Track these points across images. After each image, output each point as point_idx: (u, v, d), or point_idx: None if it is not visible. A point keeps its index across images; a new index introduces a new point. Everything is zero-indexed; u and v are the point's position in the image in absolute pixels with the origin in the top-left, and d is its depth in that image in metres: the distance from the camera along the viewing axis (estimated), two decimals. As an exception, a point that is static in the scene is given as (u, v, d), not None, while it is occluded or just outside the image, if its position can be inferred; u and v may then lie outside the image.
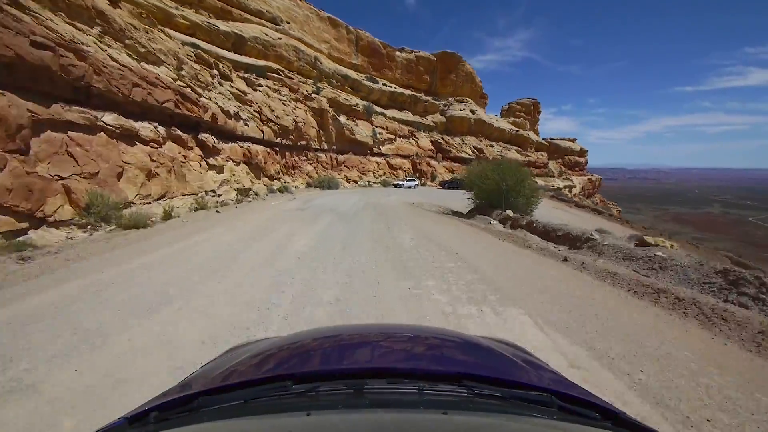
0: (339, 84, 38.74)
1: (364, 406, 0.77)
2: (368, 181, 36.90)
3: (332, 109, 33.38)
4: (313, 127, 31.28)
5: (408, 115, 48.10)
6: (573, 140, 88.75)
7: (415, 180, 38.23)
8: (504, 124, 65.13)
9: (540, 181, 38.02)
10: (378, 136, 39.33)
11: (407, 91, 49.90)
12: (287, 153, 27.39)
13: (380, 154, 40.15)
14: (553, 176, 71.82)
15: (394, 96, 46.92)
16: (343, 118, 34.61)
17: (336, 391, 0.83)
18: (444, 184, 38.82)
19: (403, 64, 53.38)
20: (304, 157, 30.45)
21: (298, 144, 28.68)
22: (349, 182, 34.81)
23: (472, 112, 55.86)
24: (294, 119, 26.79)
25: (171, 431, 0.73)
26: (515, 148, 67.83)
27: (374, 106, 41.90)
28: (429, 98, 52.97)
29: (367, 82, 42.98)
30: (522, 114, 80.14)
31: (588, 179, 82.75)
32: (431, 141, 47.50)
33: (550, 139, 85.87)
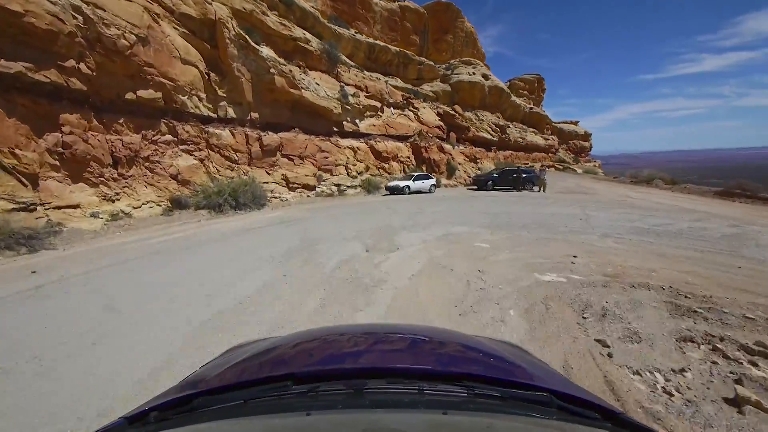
0: (273, 10, 19.14)
1: (364, 406, 0.73)
2: (336, 186, 17.73)
3: (239, 28, 13.97)
4: (190, 64, 12.08)
5: (397, 82, 29.18)
6: (576, 123, 72.79)
7: (428, 178, 19.42)
8: (517, 99, 46.93)
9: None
10: (351, 101, 20.19)
11: (393, 47, 30.75)
12: (110, 126, 8.00)
13: (357, 134, 21.08)
14: (569, 163, 55.00)
15: (373, 52, 27.68)
16: (266, 51, 15.16)
17: (336, 391, 0.78)
18: (484, 182, 20.03)
19: (384, 16, 33.99)
20: (169, 137, 11.27)
21: (155, 105, 9.55)
22: (293, 189, 15.51)
23: (485, 77, 37.19)
24: (131, 35, 7.45)
25: (170, 431, 0.70)
26: (532, 129, 50.05)
27: (342, 56, 22.73)
28: (425, 59, 33.94)
29: (331, 25, 23.67)
30: (526, 92, 61.12)
31: (594, 165, 66.34)
32: (438, 114, 28.63)
33: (552, 122, 68.29)
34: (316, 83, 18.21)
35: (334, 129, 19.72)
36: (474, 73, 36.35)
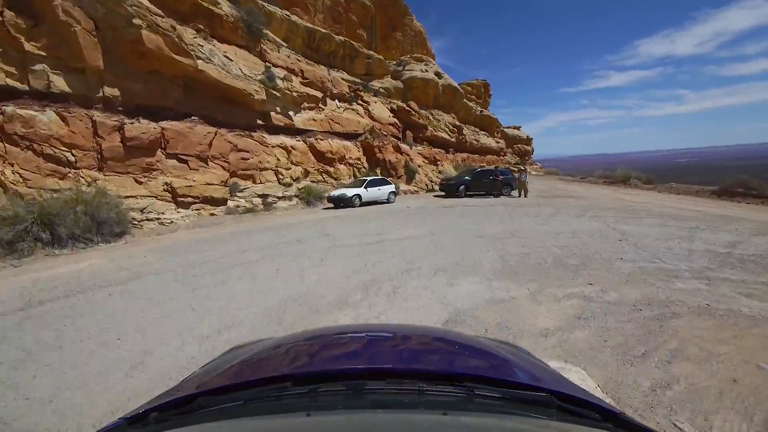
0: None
1: (364, 407, 0.72)
2: (261, 197, 12.54)
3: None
4: None
5: (344, 75, 24.57)
6: (518, 128, 74.48)
7: (385, 183, 14.94)
8: (469, 102, 44.81)
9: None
10: (281, 86, 15.11)
11: (337, 37, 26.10)
12: None
13: (291, 130, 16.01)
14: (522, 166, 54.65)
15: (313, 40, 22.79)
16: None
17: (336, 392, 0.76)
18: (455, 186, 15.85)
19: (326, 5, 29.41)
20: None
21: None
22: (184, 206, 10.04)
23: (438, 75, 34.04)
24: None
25: None
26: (483, 132, 48.33)
27: (269, 33, 17.57)
28: (374, 53, 29.76)
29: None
30: (474, 97, 60.05)
31: (538, 168, 68.12)
32: (392, 110, 24.40)
33: (502, 126, 68.53)
34: (226, 57, 12.89)
35: (259, 122, 14.47)
36: (427, 71, 32.97)
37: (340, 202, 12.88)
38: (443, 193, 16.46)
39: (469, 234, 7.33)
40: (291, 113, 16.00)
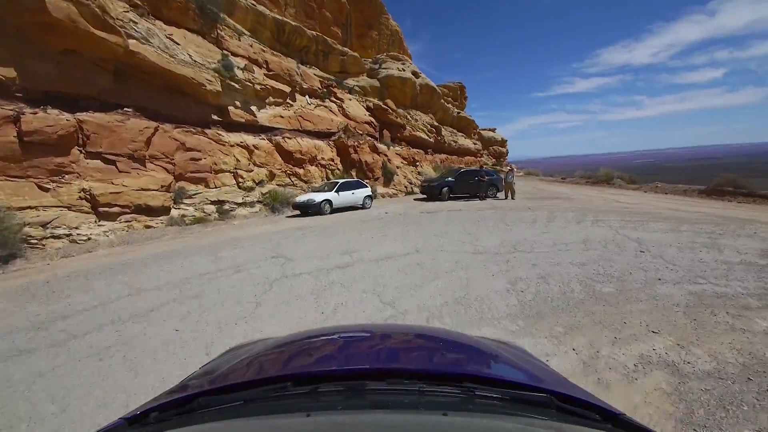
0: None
1: (364, 407, 0.71)
2: (216, 204, 10.64)
3: None
4: None
5: (317, 72, 22.80)
6: (493, 130, 75.36)
7: (360, 186, 13.23)
8: (446, 103, 44.16)
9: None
10: (241, 77, 13.24)
11: (309, 31, 24.29)
12: None
13: (255, 127, 14.11)
14: (500, 167, 54.75)
15: (282, 32, 20.89)
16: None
17: (336, 392, 0.75)
18: (437, 189, 14.42)
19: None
20: None
21: None
22: (110, 217, 7.99)
23: (415, 74, 32.91)
24: None
25: None
26: (461, 134, 47.85)
27: (228, 19, 15.60)
28: (348, 50, 28.14)
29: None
30: (450, 99, 59.86)
31: (513, 168, 68.43)
32: (368, 108, 22.84)
33: (478, 127, 68.70)
34: (171, 39, 10.90)
35: (215, 117, 12.51)
36: (404, 69, 31.73)
37: (308, 209, 11.12)
38: (424, 196, 15.10)
39: (462, 249, 5.90)
40: (254, 108, 14.11)
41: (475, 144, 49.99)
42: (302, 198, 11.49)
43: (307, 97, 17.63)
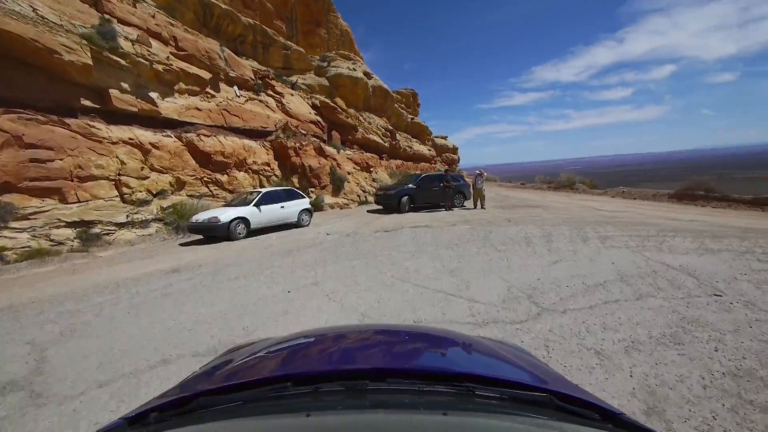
0: None
1: (364, 407, 0.70)
2: (81, 225, 7.01)
3: None
4: None
5: (255, 65, 19.44)
6: (445, 137, 76.55)
7: (295, 197, 9.94)
8: (400, 108, 42.71)
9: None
10: (129, 50, 9.70)
11: (245, 18, 20.80)
12: None
13: (155, 121, 10.57)
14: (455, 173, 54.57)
15: (210, 15, 17.25)
16: None
17: (336, 392, 0.74)
18: (395, 198, 11.81)
19: (235, -12, 23.96)
20: None
21: None
22: None
23: (368, 75, 30.67)
24: None
25: None
26: (415, 140, 46.65)
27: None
28: (293, 45, 25.00)
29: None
30: (403, 105, 59.17)
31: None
32: (314, 106, 19.86)
33: (432, 134, 69.07)
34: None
35: (86, 103, 8.81)
36: (355, 69, 29.32)
37: (210, 233, 7.83)
38: (380, 207, 12.55)
39: (450, 312, 3.33)
40: (154, 96, 10.53)
41: (429, 150, 49.08)
42: (202, 216, 8.01)
43: (235, 87, 14.28)
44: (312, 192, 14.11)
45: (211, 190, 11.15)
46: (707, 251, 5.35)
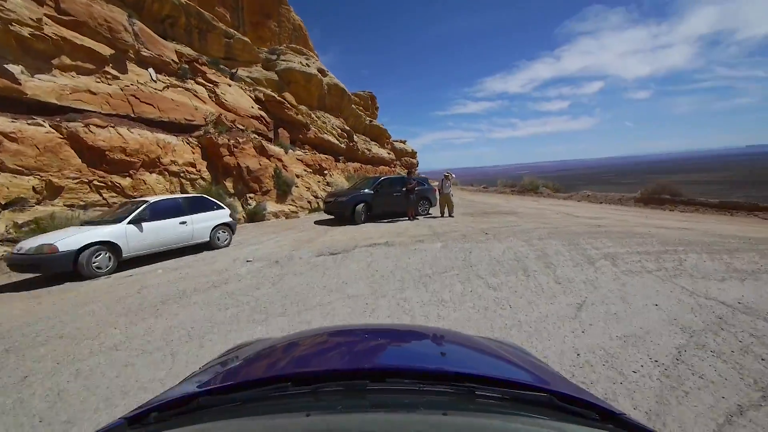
0: None
1: (364, 407, 0.69)
2: None
3: None
4: None
5: (183, 49, 16.42)
6: (404, 142, 76.64)
7: (207, 208, 7.12)
8: (358, 109, 41.04)
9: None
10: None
11: (175, -2, 17.64)
12: None
13: (19, 104, 7.63)
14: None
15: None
16: None
17: (336, 392, 0.73)
18: (349, 205, 9.78)
19: (164, -36, 20.49)
20: None
21: None
22: None
23: (322, 72, 28.44)
24: None
25: None
26: (374, 143, 45.15)
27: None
28: (235, 33, 22.06)
29: None
30: (361, 108, 57.74)
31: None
32: (258, 99, 17.26)
33: (391, 137, 68.34)
34: None
35: None
36: (308, 65, 26.97)
37: (46, 271, 5.00)
38: (332, 216, 10.53)
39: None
40: (15, 69, 7.60)
41: (389, 154, 47.80)
42: (40, 240, 5.07)
43: (151, 70, 11.44)
44: (251, 198, 11.69)
45: (104, 198, 8.37)
46: (741, 273, 4.16)
